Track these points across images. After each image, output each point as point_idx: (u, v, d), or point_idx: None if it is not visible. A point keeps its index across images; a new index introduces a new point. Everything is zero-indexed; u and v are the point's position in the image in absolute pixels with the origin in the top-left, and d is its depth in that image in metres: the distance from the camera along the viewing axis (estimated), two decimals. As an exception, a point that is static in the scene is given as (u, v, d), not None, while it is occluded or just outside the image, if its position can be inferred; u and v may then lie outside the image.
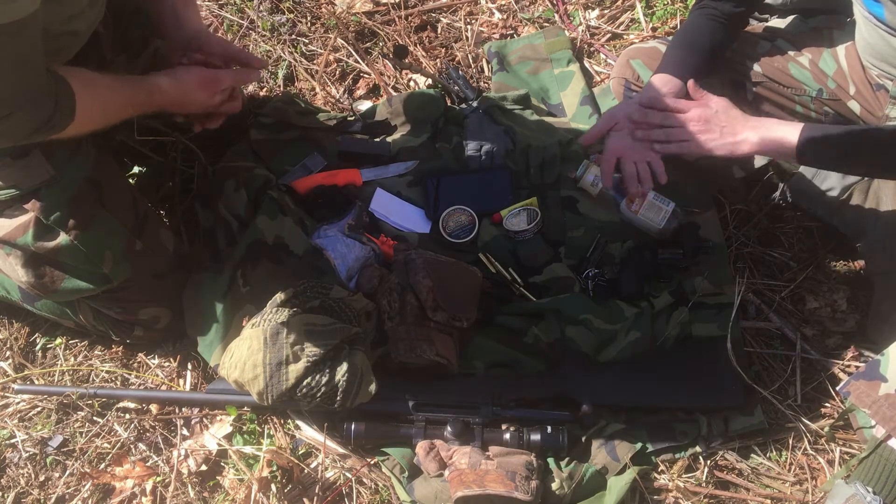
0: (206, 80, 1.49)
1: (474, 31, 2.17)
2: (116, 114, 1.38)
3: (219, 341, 1.52)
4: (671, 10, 2.15)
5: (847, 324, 1.63)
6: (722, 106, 1.50)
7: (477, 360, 1.55)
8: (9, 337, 1.66)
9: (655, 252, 1.63)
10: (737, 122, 1.48)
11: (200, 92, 1.49)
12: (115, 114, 1.38)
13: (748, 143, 1.48)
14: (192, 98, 1.48)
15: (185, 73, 1.47)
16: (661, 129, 1.54)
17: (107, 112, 1.35)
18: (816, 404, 1.54)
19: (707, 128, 1.48)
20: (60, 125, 1.22)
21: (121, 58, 1.54)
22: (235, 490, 1.44)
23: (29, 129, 1.19)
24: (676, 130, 1.51)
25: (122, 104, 1.38)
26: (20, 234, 1.36)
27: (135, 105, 1.40)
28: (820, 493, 1.43)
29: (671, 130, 1.51)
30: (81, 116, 1.25)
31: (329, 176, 1.77)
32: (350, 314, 1.49)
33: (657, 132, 1.54)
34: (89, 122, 1.31)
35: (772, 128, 1.47)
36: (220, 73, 1.52)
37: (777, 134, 1.46)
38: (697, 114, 1.50)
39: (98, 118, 1.34)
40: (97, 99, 1.30)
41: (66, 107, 1.22)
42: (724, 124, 1.48)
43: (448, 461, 1.41)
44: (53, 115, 1.20)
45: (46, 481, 1.49)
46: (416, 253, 1.57)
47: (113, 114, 1.37)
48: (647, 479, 1.45)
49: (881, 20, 1.42)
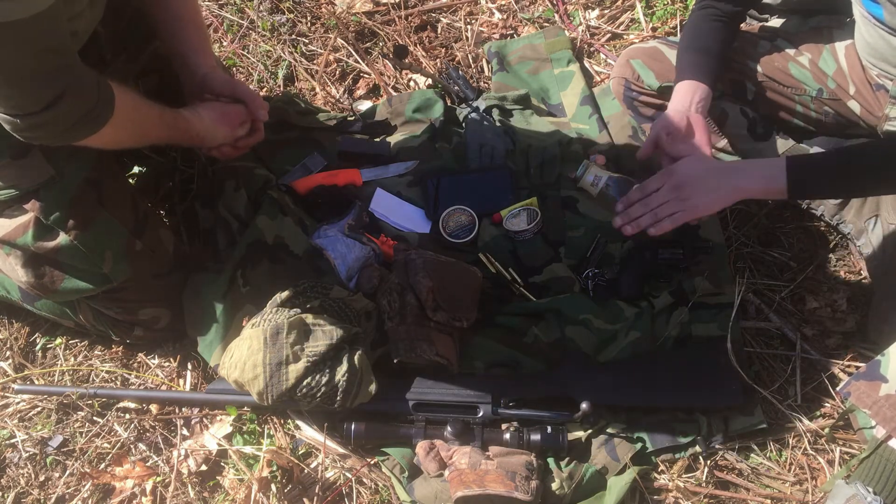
0: (225, 115, 1.53)
1: (474, 31, 2.17)
2: (153, 129, 1.39)
3: (219, 341, 1.52)
4: (671, 10, 2.15)
5: (847, 324, 1.63)
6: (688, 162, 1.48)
7: (477, 360, 1.55)
8: (9, 337, 1.66)
9: (655, 252, 1.63)
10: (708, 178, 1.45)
11: (222, 126, 1.53)
12: (152, 129, 1.39)
13: (731, 194, 1.45)
14: (215, 133, 1.52)
15: (205, 108, 1.51)
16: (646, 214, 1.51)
17: (143, 124, 1.36)
18: (816, 404, 1.54)
19: (684, 195, 1.45)
20: (104, 116, 1.22)
21: (120, 57, 1.54)
22: (235, 490, 1.44)
23: (76, 117, 1.18)
24: (661, 209, 1.48)
25: (158, 121, 1.39)
26: (20, 234, 1.36)
27: (170, 127, 1.42)
28: (820, 493, 1.43)
29: (657, 210, 1.48)
30: (120, 117, 1.25)
31: (329, 176, 1.77)
32: (350, 314, 1.49)
33: (644, 219, 1.50)
34: (126, 128, 1.31)
35: (753, 174, 1.44)
36: (236, 108, 1.56)
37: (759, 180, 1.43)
38: (669, 186, 1.47)
39: (134, 128, 1.35)
40: (134, 105, 1.31)
41: (107, 98, 1.22)
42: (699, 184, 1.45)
43: (448, 461, 1.41)
44: (97, 104, 1.19)
45: (46, 481, 1.49)
46: (416, 253, 1.57)
47: (149, 128, 1.38)
48: (647, 479, 1.45)
49: (880, 20, 1.42)
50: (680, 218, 1.47)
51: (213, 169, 1.73)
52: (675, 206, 1.47)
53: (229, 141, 1.58)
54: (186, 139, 1.49)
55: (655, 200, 1.49)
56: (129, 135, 1.37)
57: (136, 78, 1.58)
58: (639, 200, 1.51)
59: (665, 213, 1.47)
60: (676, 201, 1.46)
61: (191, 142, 1.53)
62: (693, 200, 1.46)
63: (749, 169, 1.48)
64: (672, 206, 1.47)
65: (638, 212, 1.50)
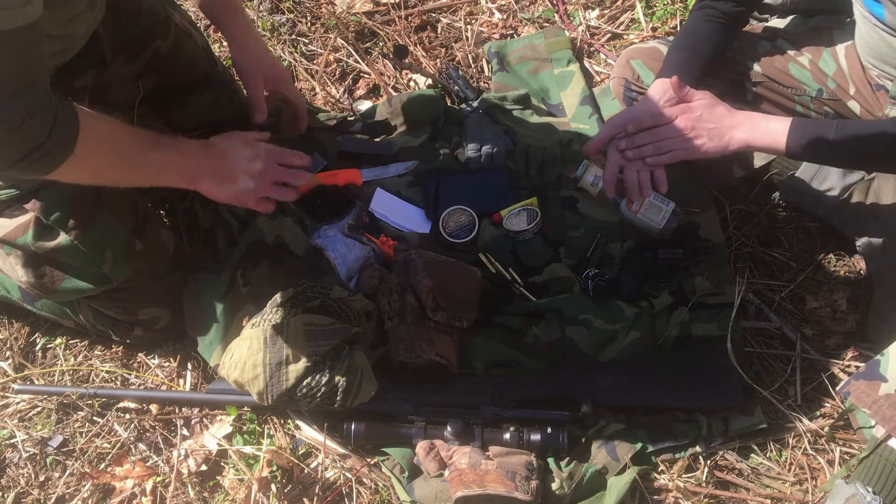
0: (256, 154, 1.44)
1: (474, 31, 2.17)
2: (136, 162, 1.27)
3: (219, 341, 1.52)
4: (671, 10, 2.15)
5: (847, 324, 1.63)
6: (705, 105, 1.49)
7: (477, 360, 1.55)
8: (9, 337, 1.66)
9: (655, 252, 1.63)
10: (723, 121, 1.47)
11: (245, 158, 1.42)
12: (135, 162, 1.26)
13: (736, 141, 1.47)
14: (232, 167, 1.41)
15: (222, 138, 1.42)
16: (651, 144, 1.53)
17: (122, 155, 1.24)
18: (816, 404, 1.54)
19: (694, 134, 1.47)
20: (55, 154, 1.08)
21: (121, 57, 1.54)
22: (235, 490, 1.44)
23: (14, 156, 1.03)
24: (664, 143, 1.50)
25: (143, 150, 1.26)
26: (20, 234, 1.36)
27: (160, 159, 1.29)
28: (820, 493, 1.43)
29: (660, 144, 1.51)
30: (85, 150, 1.12)
31: (329, 176, 1.77)
32: (350, 314, 1.49)
33: (647, 148, 1.53)
34: (97, 163, 1.20)
35: (759, 124, 1.46)
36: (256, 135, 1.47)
37: (764, 130, 1.45)
38: (682, 122, 1.49)
39: (109, 161, 1.23)
40: (109, 136, 1.19)
41: (64, 132, 1.08)
42: (711, 126, 1.47)
43: (448, 461, 1.41)
44: (47, 139, 1.05)
45: (46, 481, 1.49)
46: (416, 253, 1.57)
47: (132, 161, 1.26)
48: (647, 479, 1.45)
49: (881, 20, 1.42)
50: (678, 156, 1.49)
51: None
52: (680, 143, 1.48)
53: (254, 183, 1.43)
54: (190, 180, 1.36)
55: (663, 133, 1.49)
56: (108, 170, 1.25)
57: (136, 78, 1.58)
58: (650, 128, 1.50)
59: (668, 148, 1.48)
60: (682, 139, 1.47)
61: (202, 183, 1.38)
62: (698, 142, 1.47)
63: (757, 122, 1.48)
64: (676, 143, 1.48)
65: (644, 139, 1.50)
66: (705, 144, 1.47)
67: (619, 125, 1.54)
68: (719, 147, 1.48)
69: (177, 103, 1.71)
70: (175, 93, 1.68)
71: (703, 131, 1.47)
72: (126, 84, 1.57)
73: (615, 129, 1.55)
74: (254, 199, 1.46)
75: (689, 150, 1.49)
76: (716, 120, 1.47)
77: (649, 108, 1.51)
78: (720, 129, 1.46)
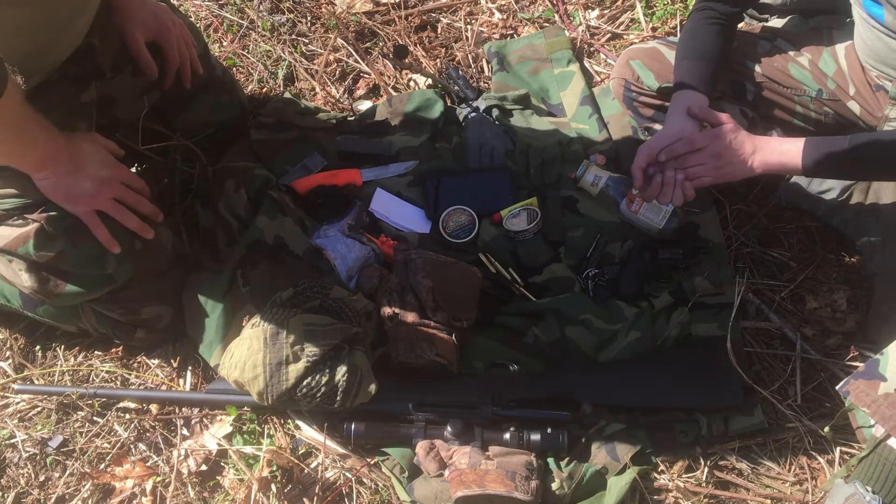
0: (107, 161, 1.38)
1: (474, 31, 2.17)
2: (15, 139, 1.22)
3: (219, 341, 1.52)
4: (671, 10, 2.15)
5: (847, 324, 1.63)
6: (730, 130, 1.51)
7: (477, 360, 1.55)
8: (9, 337, 1.66)
9: (655, 252, 1.63)
10: (745, 147, 1.50)
11: (97, 168, 1.35)
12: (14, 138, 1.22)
13: (757, 166, 1.50)
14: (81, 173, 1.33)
15: (83, 138, 1.35)
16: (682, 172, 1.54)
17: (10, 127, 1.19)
18: (816, 404, 1.54)
19: (720, 163, 1.51)
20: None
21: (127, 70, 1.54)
22: (235, 490, 1.44)
23: None
24: (694, 170, 1.53)
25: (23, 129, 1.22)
26: (20, 245, 1.36)
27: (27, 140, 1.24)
28: (820, 493, 1.43)
29: (690, 171, 1.53)
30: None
31: (329, 176, 1.77)
32: (350, 314, 1.49)
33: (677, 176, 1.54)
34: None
35: (774, 147, 1.49)
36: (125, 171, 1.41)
37: (780, 153, 1.48)
38: (711, 150, 1.51)
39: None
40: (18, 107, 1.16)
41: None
42: (737, 153, 1.50)
43: (448, 461, 1.41)
44: None
45: (46, 481, 1.49)
46: (416, 253, 1.57)
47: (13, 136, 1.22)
48: (647, 479, 1.45)
49: (880, 22, 1.42)
50: (705, 183, 1.53)
51: (213, 169, 1.74)
52: (708, 171, 1.51)
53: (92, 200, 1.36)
54: (36, 168, 1.30)
55: (692, 160, 1.52)
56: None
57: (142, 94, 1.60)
58: (683, 155, 1.52)
59: (696, 175, 1.52)
60: (711, 168, 1.51)
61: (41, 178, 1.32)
62: (726, 169, 1.51)
63: (773, 146, 1.50)
64: (704, 171, 1.51)
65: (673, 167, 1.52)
66: (732, 172, 1.51)
67: (652, 154, 1.53)
68: (744, 173, 1.51)
69: (178, 109, 1.73)
70: (176, 99, 1.69)
71: (727, 162, 1.50)
72: (132, 99, 1.59)
73: (648, 157, 1.54)
74: (86, 204, 1.36)
75: (718, 178, 1.53)
76: (738, 146, 1.50)
77: (681, 134, 1.52)
78: (744, 156, 1.49)
